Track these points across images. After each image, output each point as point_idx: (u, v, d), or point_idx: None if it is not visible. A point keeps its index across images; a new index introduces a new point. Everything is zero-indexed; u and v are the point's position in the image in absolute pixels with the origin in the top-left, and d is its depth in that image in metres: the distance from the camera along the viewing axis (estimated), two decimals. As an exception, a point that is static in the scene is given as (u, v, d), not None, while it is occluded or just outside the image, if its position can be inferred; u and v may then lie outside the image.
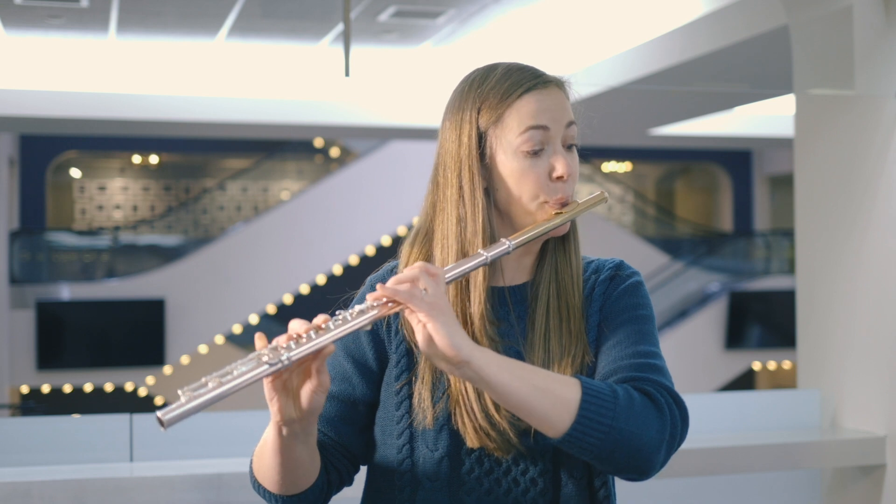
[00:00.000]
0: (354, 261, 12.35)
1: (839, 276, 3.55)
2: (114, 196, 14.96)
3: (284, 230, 12.20)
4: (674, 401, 1.34)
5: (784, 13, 3.94)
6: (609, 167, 16.52)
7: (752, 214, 16.31)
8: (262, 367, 1.20)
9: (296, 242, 12.18)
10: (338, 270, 12.34)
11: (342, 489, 1.51)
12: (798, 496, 3.64)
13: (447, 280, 1.31)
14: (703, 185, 16.98)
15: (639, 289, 1.46)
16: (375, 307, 1.26)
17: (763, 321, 12.81)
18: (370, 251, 12.31)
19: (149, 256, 12.89)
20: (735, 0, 5.40)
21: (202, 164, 15.43)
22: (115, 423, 2.86)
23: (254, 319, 12.27)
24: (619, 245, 13.80)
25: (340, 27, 7.10)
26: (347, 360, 1.48)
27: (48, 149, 13.84)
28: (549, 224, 1.40)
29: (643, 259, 13.83)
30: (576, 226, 1.48)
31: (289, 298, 12.28)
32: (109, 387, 11.91)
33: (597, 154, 15.49)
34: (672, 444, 1.32)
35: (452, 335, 1.23)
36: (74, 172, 14.81)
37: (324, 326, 1.25)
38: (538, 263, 1.47)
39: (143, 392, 12.22)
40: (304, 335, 1.24)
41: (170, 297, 11.69)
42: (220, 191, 14.74)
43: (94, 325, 11.57)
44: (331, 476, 1.46)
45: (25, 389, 11.89)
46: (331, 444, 1.47)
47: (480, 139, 1.42)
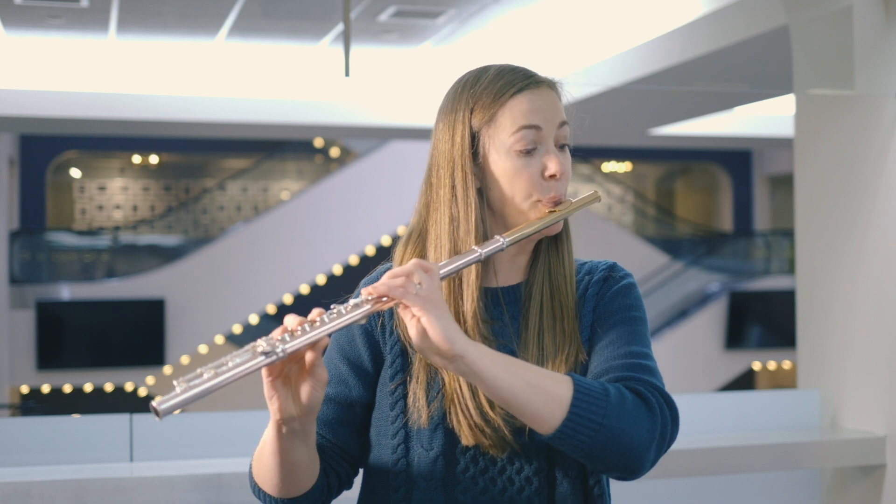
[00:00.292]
0: (354, 261, 12.35)
1: (839, 276, 3.55)
2: (114, 196, 14.96)
3: (284, 230, 12.20)
4: (665, 401, 1.35)
5: (784, 13, 3.94)
6: (609, 167, 16.52)
7: (752, 214, 16.31)
8: (258, 359, 1.21)
9: (296, 242, 12.18)
10: (338, 270, 12.34)
11: (342, 492, 1.51)
12: (798, 496, 3.64)
13: (442, 275, 1.32)
14: (703, 185, 16.98)
15: (631, 290, 1.47)
16: (370, 301, 1.27)
17: (763, 321, 12.81)
18: (370, 251, 12.31)
19: (149, 256, 12.89)
20: (735, 0, 5.40)
21: (202, 164, 15.43)
22: (115, 423, 2.86)
23: (254, 319, 12.26)
24: (619, 245, 13.80)
25: (340, 27, 7.10)
26: (343, 362, 1.49)
27: (48, 149, 13.84)
28: (543, 222, 1.40)
29: (643, 259, 13.83)
30: (568, 226, 1.48)
31: (289, 298, 12.28)
32: (109, 387, 11.91)
33: (597, 154, 15.49)
34: (662, 444, 1.33)
35: (447, 329, 1.24)
36: (74, 172, 14.81)
37: (318, 320, 1.25)
38: (531, 264, 1.48)
39: (143, 392, 12.22)
40: (299, 328, 1.25)
41: (170, 297, 11.69)
42: (220, 191, 14.74)
43: (94, 325, 11.57)
44: (330, 479, 1.46)
45: (25, 389, 11.89)
46: (329, 447, 1.47)
47: (473, 139, 1.43)
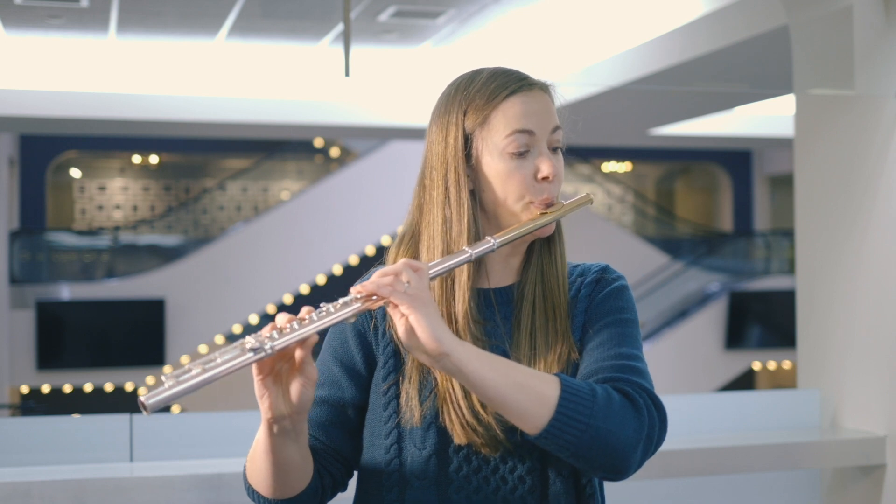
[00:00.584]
0: (354, 261, 12.35)
1: (839, 276, 3.55)
2: (114, 196, 14.96)
3: (284, 230, 12.20)
4: (652, 402, 1.36)
5: (784, 13, 3.94)
6: (609, 167, 16.52)
7: (752, 214, 16.31)
8: (246, 355, 1.22)
9: (296, 242, 12.18)
10: (338, 270, 12.34)
11: (336, 494, 1.51)
12: (798, 496, 3.64)
13: (431, 275, 1.32)
14: (703, 185, 16.98)
15: (623, 293, 1.48)
16: (359, 300, 1.28)
17: (763, 321, 12.81)
18: (370, 251, 12.31)
19: (149, 256, 12.89)
20: (735, 0, 5.40)
21: (202, 164, 15.43)
22: (115, 423, 2.86)
23: (254, 319, 12.26)
24: (619, 245, 13.79)
25: (340, 27, 7.10)
26: (336, 364, 1.49)
27: (48, 149, 13.84)
28: (535, 223, 1.41)
29: (643, 259, 13.83)
30: (561, 228, 1.49)
31: (289, 298, 12.28)
32: (109, 387, 11.90)
33: (597, 154, 15.49)
34: (649, 446, 1.33)
35: (434, 327, 1.24)
36: (74, 172, 14.81)
37: (307, 318, 1.26)
38: (524, 265, 1.48)
39: (143, 392, 12.20)
40: (288, 326, 1.26)
41: (170, 297, 11.69)
42: (220, 191, 14.74)
43: (94, 325, 11.57)
44: (324, 480, 1.47)
45: (25, 389, 11.88)
46: (323, 449, 1.48)
47: (466, 141, 1.43)
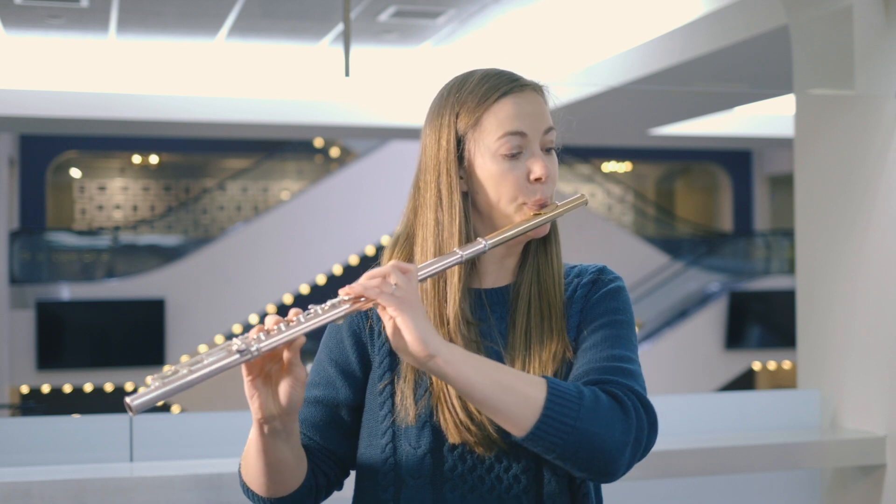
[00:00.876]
0: (354, 261, 12.35)
1: (839, 276, 3.55)
2: (114, 196, 14.96)
3: (284, 230, 12.20)
4: (642, 405, 1.35)
5: (784, 13, 3.94)
6: (609, 167, 16.52)
7: (752, 214, 16.31)
8: (233, 357, 1.23)
9: (296, 242, 12.18)
10: (338, 270, 12.34)
11: (332, 493, 1.52)
12: (798, 496, 3.64)
13: (421, 277, 1.33)
14: (703, 185, 16.98)
15: (619, 294, 1.47)
16: (347, 301, 1.28)
17: (763, 321, 12.81)
18: (370, 251, 12.31)
19: (149, 256, 12.89)
20: (735, 0, 5.40)
21: (202, 164, 15.43)
22: (115, 423, 2.86)
23: (254, 319, 12.25)
24: (619, 245, 13.79)
25: (340, 27, 7.10)
26: (331, 365, 1.50)
27: (48, 149, 13.84)
28: (526, 224, 1.41)
29: (643, 259, 13.83)
30: (557, 228, 1.49)
31: (289, 298, 12.28)
32: (109, 387, 11.90)
33: (597, 154, 15.50)
34: (637, 448, 1.33)
35: (420, 329, 1.25)
36: (74, 172, 14.81)
37: (295, 320, 1.27)
38: (520, 266, 1.48)
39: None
40: (275, 328, 1.27)
41: (170, 297, 11.69)
42: (220, 191, 14.74)
43: (94, 325, 11.57)
44: (318, 480, 1.47)
45: (25, 389, 11.88)
46: (317, 449, 1.49)
47: (459, 143, 1.43)
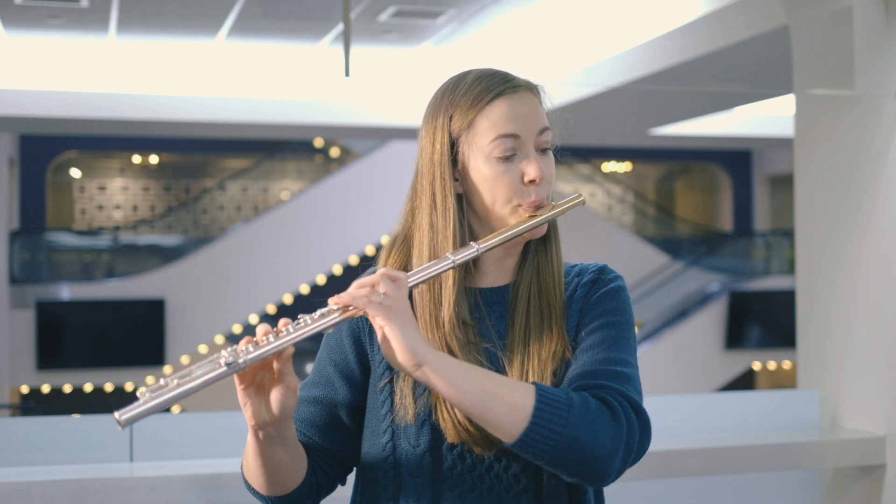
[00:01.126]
0: (354, 261, 12.35)
1: (839, 276, 3.55)
2: (114, 196, 14.96)
3: (284, 230, 12.20)
4: (633, 410, 1.35)
5: (784, 13, 3.94)
6: (609, 167, 16.52)
7: (752, 214, 16.31)
8: (221, 370, 1.25)
9: (296, 242, 12.18)
10: (338, 270, 12.34)
11: (334, 489, 1.53)
12: (798, 496, 3.64)
13: (412, 284, 1.34)
14: (703, 185, 16.98)
15: (618, 294, 1.47)
16: (336, 311, 1.30)
17: (763, 321, 12.81)
18: (370, 251, 12.31)
19: (149, 256, 12.89)
20: (735, 0, 5.40)
21: (202, 164, 15.43)
22: (115, 423, 2.86)
23: (254, 319, 12.25)
24: (619, 245, 13.80)
25: (340, 27, 7.10)
26: (330, 364, 1.51)
27: (48, 149, 13.84)
28: (520, 227, 1.40)
29: (643, 259, 13.83)
30: (556, 227, 1.48)
31: (289, 298, 12.28)
32: (109, 387, 11.90)
33: (597, 154, 15.50)
34: (629, 453, 1.33)
35: (407, 339, 1.26)
36: (74, 172, 14.81)
37: (284, 330, 1.28)
38: (520, 265, 1.48)
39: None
40: (264, 339, 1.28)
41: (170, 297, 11.69)
42: (220, 191, 14.75)
43: (94, 325, 11.57)
44: (318, 478, 1.48)
45: (25, 389, 11.88)
46: (316, 448, 1.50)
47: (453, 146, 1.43)
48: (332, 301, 1.30)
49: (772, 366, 13.60)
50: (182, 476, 2.69)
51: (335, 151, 15.09)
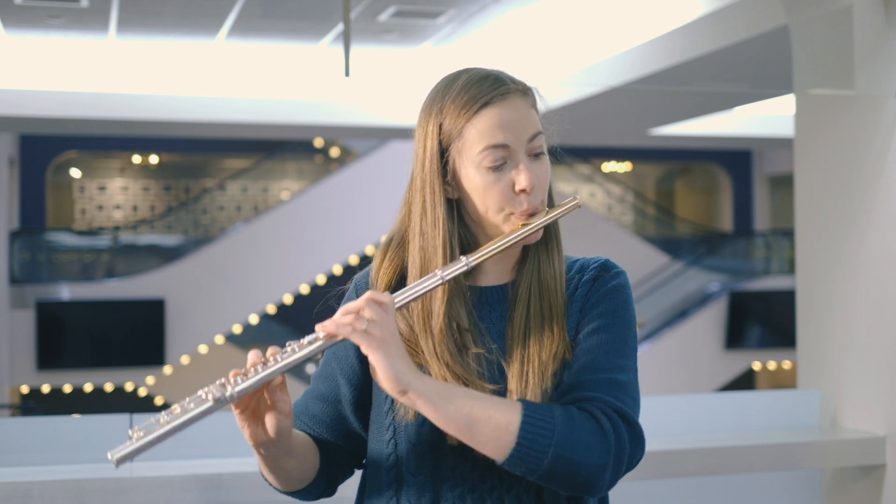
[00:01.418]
0: (354, 261, 12.34)
1: (839, 276, 3.55)
2: (114, 196, 14.96)
3: (284, 230, 12.20)
4: (624, 421, 1.35)
5: (784, 13, 3.94)
6: (609, 167, 16.52)
7: (752, 214, 16.31)
8: (208, 404, 1.29)
9: (296, 242, 12.18)
10: (338, 270, 12.34)
11: (352, 474, 1.57)
12: (798, 496, 3.64)
13: (400, 305, 1.35)
14: (703, 185, 16.98)
15: (618, 293, 1.45)
16: (321, 338, 1.32)
17: (763, 321, 12.81)
18: (370, 251, 12.30)
19: (149, 256, 12.89)
20: (735, 0, 5.40)
21: (202, 164, 15.43)
22: (115, 423, 2.86)
23: (254, 319, 12.26)
24: (619, 245, 13.79)
25: (340, 27, 7.10)
26: (334, 360, 1.53)
27: (48, 149, 13.84)
28: (511, 237, 1.39)
29: (643, 259, 13.83)
30: (558, 225, 1.47)
31: (289, 298, 12.28)
32: (109, 387, 11.90)
33: (597, 154, 15.49)
34: (619, 466, 1.33)
35: (391, 367, 1.28)
36: (74, 172, 14.81)
37: (271, 360, 1.31)
38: (520, 264, 1.47)
39: (143, 392, 12.22)
40: (252, 370, 1.31)
41: (170, 297, 11.69)
42: (220, 191, 14.74)
43: (94, 325, 11.57)
44: (333, 468, 1.53)
45: (25, 389, 11.88)
46: (325, 441, 1.52)
47: (443, 154, 1.42)
48: (319, 328, 1.32)
49: (772, 366, 13.60)
50: (182, 476, 2.69)
51: (335, 151, 15.09)
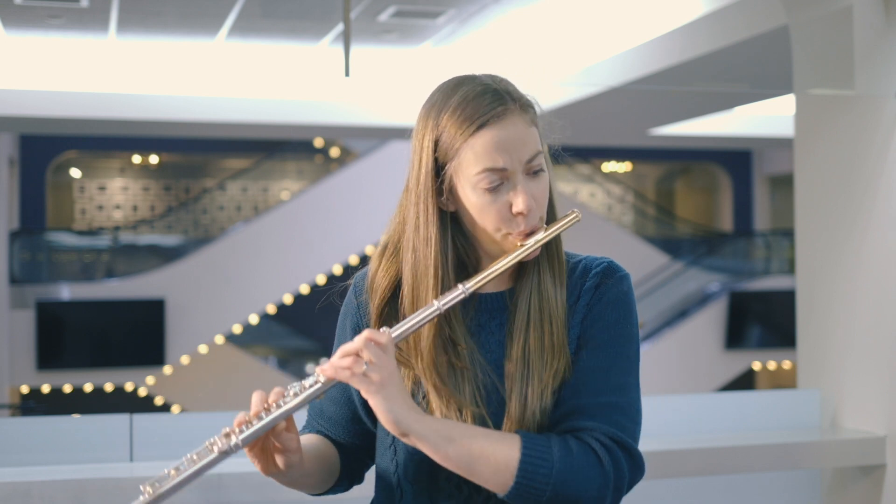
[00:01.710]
0: (354, 261, 12.34)
1: (839, 276, 3.55)
2: (114, 196, 14.96)
3: (284, 230, 12.20)
4: (622, 449, 1.34)
5: (784, 13, 3.94)
6: (609, 167, 16.52)
7: (752, 214, 16.30)
8: (214, 455, 1.33)
9: (296, 242, 12.18)
10: (338, 270, 12.33)
11: (370, 467, 1.59)
12: (798, 496, 3.64)
13: (398, 338, 1.34)
14: (703, 185, 16.98)
15: (622, 301, 1.41)
16: (321, 381, 1.32)
17: (763, 321, 12.80)
18: (370, 251, 12.29)
19: (149, 256, 12.88)
20: (735, 0, 5.40)
21: (202, 164, 15.43)
22: (115, 423, 2.86)
23: (254, 319, 12.26)
24: (619, 245, 13.79)
25: (340, 27, 7.10)
26: None
27: (48, 149, 13.83)
28: (508, 260, 1.37)
29: (643, 259, 13.83)
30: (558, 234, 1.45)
31: (289, 298, 12.28)
32: (109, 387, 11.90)
33: (597, 154, 15.49)
34: (619, 494, 1.35)
35: (391, 411, 1.29)
36: (74, 172, 14.81)
37: (273, 406, 1.33)
38: (519, 270, 1.44)
39: (143, 392, 12.22)
40: (255, 419, 1.32)
41: (170, 297, 11.69)
42: (220, 191, 14.74)
43: (94, 325, 11.57)
44: (353, 465, 1.55)
45: (25, 389, 11.88)
46: (342, 443, 1.55)
47: (438, 172, 1.39)
48: (318, 371, 1.32)
49: (772, 366, 13.60)
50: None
51: (335, 151, 15.09)
